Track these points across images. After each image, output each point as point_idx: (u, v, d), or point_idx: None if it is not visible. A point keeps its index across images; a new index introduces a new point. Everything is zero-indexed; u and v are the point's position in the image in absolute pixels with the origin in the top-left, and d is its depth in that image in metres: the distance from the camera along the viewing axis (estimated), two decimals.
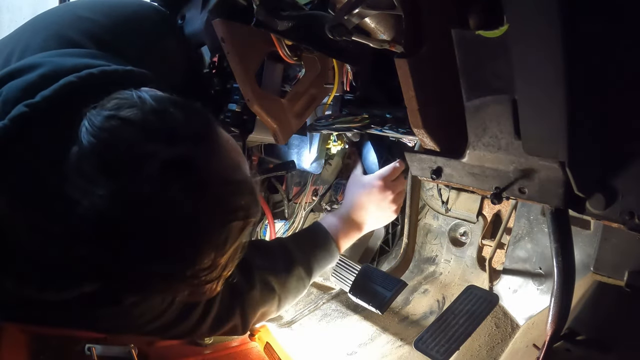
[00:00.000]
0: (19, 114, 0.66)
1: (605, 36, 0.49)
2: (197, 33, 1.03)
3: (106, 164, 0.60)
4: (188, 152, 0.62)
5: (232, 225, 0.66)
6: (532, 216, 1.13)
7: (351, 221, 1.19)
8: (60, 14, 0.99)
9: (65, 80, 0.70)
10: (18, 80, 0.72)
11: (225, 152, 0.68)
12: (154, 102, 0.64)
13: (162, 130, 0.62)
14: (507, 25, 0.50)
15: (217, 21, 0.90)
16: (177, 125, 0.64)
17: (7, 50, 0.88)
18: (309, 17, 0.82)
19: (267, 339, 1.28)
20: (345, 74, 1.06)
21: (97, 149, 0.60)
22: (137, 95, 0.65)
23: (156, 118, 0.63)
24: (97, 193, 0.58)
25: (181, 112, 0.65)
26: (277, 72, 1.02)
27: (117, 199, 0.59)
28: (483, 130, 0.63)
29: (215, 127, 0.69)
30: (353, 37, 0.65)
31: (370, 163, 1.36)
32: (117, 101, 0.64)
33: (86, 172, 0.60)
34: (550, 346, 0.71)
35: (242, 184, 0.69)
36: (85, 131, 0.61)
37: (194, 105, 0.68)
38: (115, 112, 0.62)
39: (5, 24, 4.69)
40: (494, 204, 1.00)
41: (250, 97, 0.97)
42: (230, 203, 0.66)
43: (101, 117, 0.62)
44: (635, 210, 0.54)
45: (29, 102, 0.67)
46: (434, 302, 1.29)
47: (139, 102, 0.64)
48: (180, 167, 0.61)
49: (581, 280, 0.85)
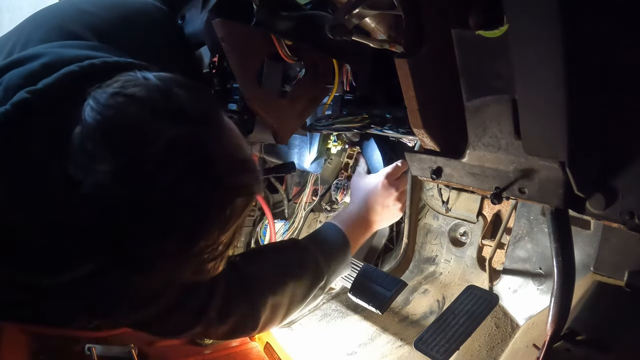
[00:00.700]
0: (20, 100, 0.66)
1: (605, 36, 0.49)
2: (197, 33, 1.03)
3: (111, 140, 0.60)
4: (193, 130, 0.63)
5: (235, 202, 0.67)
6: (532, 216, 1.13)
7: (361, 221, 1.19)
8: (62, 8, 0.99)
9: (67, 69, 0.70)
10: (20, 69, 0.73)
11: (229, 132, 0.70)
12: (158, 82, 0.65)
13: (168, 109, 0.63)
14: (507, 25, 0.50)
15: (217, 21, 0.90)
16: (182, 104, 0.64)
17: (10, 44, 0.89)
18: (309, 17, 0.82)
19: (267, 339, 1.28)
20: (345, 74, 1.06)
21: (101, 126, 0.60)
22: (141, 75, 0.65)
23: (161, 96, 0.63)
24: (101, 170, 0.58)
25: (186, 92, 0.66)
26: (277, 72, 1.02)
27: (121, 175, 0.59)
28: (483, 130, 0.63)
29: (219, 109, 0.70)
30: (353, 37, 0.65)
31: (375, 161, 1.36)
32: (122, 81, 0.64)
33: (90, 150, 0.60)
34: (550, 346, 0.71)
35: (245, 162, 0.70)
36: (89, 109, 0.61)
37: (198, 86, 0.69)
38: (121, 89, 0.63)
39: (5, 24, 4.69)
40: (494, 204, 1.00)
41: (250, 97, 0.97)
42: (233, 180, 0.67)
43: (106, 95, 0.62)
44: (635, 210, 0.54)
45: (30, 88, 0.67)
46: (434, 302, 1.29)
47: (144, 81, 0.64)
48: (185, 145, 0.62)
49: (581, 280, 0.85)
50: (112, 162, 0.59)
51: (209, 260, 0.70)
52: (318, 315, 1.37)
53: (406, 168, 1.21)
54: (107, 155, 0.59)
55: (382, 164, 1.35)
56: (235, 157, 0.69)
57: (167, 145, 0.60)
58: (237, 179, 0.68)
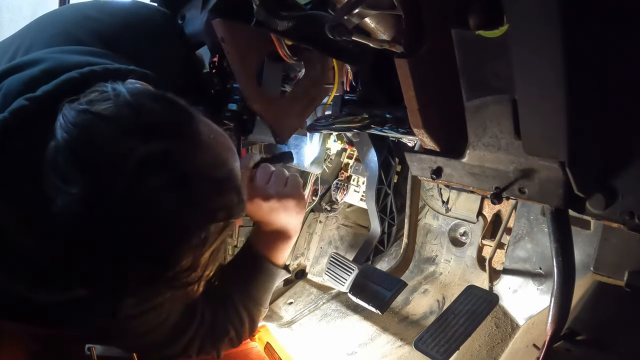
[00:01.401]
0: (19, 107, 0.65)
1: (605, 36, 0.49)
2: (197, 33, 1.03)
3: (79, 160, 0.57)
4: (164, 147, 0.59)
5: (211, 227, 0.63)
6: (532, 216, 1.13)
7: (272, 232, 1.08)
8: (66, 13, 0.99)
9: (67, 75, 0.69)
10: (20, 74, 0.72)
11: (208, 147, 0.65)
12: (129, 96, 0.61)
13: (138, 125, 0.59)
14: (507, 25, 0.50)
15: (217, 21, 0.90)
16: (153, 119, 0.61)
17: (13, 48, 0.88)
18: (309, 17, 0.82)
19: (267, 339, 1.28)
20: (345, 74, 1.06)
21: (69, 144, 0.58)
22: (112, 88, 0.62)
23: (130, 112, 0.60)
24: (70, 191, 0.56)
25: (158, 105, 0.62)
26: (277, 72, 1.02)
27: (90, 198, 0.56)
28: (483, 130, 0.63)
29: (196, 122, 0.65)
30: (353, 37, 0.65)
31: (369, 161, 1.36)
32: (93, 95, 0.62)
33: (60, 169, 0.58)
34: (550, 346, 0.71)
35: (225, 181, 0.65)
36: (59, 126, 0.59)
37: (173, 99, 0.65)
38: (88, 106, 0.60)
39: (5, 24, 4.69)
40: (494, 204, 1.00)
41: (250, 97, 0.97)
42: (210, 202, 0.63)
43: (74, 112, 0.59)
44: (635, 210, 0.54)
45: (29, 95, 0.66)
46: (434, 302, 1.29)
47: (113, 96, 0.61)
48: (156, 164, 0.58)
49: (581, 280, 0.85)
50: (81, 184, 0.56)
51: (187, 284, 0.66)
52: (318, 315, 1.37)
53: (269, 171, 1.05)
54: (76, 176, 0.56)
55: (376, 163, 1.35)
56: (214, 175, 0.64)
57: (138, 164, 0.57)
58: (214, 201, 0.63)
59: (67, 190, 0.56)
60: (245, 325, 1.08)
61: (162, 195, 0.58)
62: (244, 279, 1.08)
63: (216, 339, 1.03)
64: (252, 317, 1.09)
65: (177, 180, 0.59)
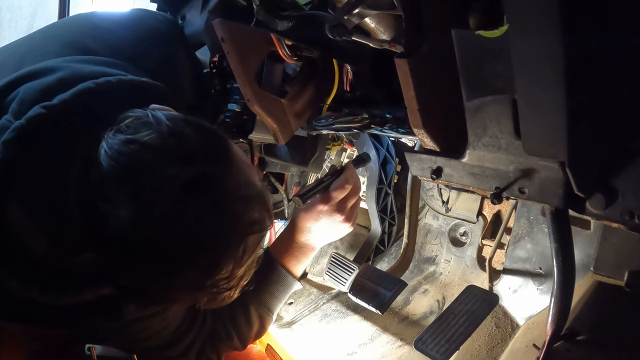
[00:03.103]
0: (36, 115, 0.67)
1: (605, 36, 0.49)
2: (197, 33, 1.03)
3: (127, 187, 0.61)
4: (205, 172, 0.65)
5: (248, 239, 0.69)
6: (532, 216, 1.13)
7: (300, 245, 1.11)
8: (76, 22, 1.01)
9: (83, 85, 0.71)
10: (36, 82, 0.73)
11: (238, 168, 0.70)
12: (169, 123, 0.66)
13: (180, 153, 0.64)
14: (507, 25, 0.50)
15: (217, 21, 0.90)
16: (194, 146, 0.66)
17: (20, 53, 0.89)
18: (309, 17, 0.82)
19: (268, 340, 1.28)
20: (345, 74, 1.06)
21: (117, 172, 0.62)
22: (152, 116, 0.66)
23: (174, 140, 0.65)
24: (120, 215, 0.60)
25: (196, 133, 0.67)
26: (277, 72, 1.02)
27: (140, 220, 0.61)
28: (483, 130, 0.63)
29: (228, 145, 0.71)
30: (353, 37, 0.65)
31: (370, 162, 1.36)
32: (133, 122, 0.66)
33: (108, 196, 0.61)
34: (550, 346, 0.71)
35: (256, 197, 0.71)
36: (104, 154, 0.63)
37: (206, 125, 0.71)
38: (133, 135, 0.64)
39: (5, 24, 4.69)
40: (494, 204, 1.00)
41: (250, 97, 0.97)
42: (246, 218, 0.68)
43: (119, 141, 0.63)
44: (635, 210, 0.54)
45: (46, 104, 0.68)
46: (434, 302, 1.29)
47: (155, 124, 0.65)
48: (198, 187, 0.63)
49: (581, 280, 0.85)
50: (130, 207, 0.61)
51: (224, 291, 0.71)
52: (318, 316, 1.37)
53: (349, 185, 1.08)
54: (125, 201, 0.61)
55: (376, 163, 1.35)
56: (246, 193, 0.69)
57: (181, 189, 0.62)
58: (250, 217, 0.69)
59: (117, 213, 0.61)
60: (254, 330, 1.09)
61: (204, 215, 0.63)
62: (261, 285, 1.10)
63: (217, 342, 1.03)
64: (262, 323, 1.10)
65: (216, 201, 0.65)
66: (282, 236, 1.13)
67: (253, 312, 1.07)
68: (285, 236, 1.12)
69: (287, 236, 1.12)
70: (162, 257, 0.63)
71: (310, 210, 1.07)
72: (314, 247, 1.12)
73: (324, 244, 1.13)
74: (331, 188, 1.06)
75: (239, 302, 1.07)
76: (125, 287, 0.68)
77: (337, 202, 1.06)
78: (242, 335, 1.07)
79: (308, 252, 1.12)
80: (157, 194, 0.61)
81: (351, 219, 1.10)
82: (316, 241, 1.11)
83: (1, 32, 4.53)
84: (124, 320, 0.82)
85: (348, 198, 1.07)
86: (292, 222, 1.12)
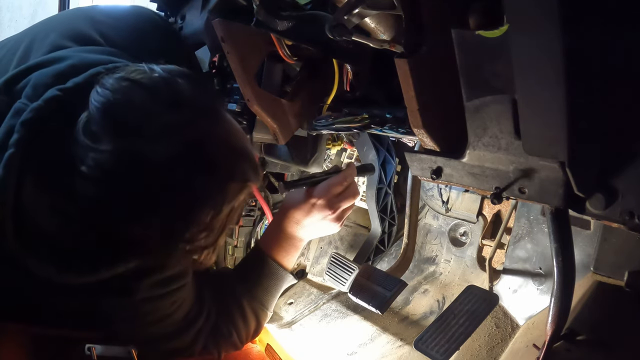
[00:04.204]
0: (52, 96, 0.70)
1: (605, 36, 0.49)
2: (197, 33, 1.03)
3: (113, 121, 0.63)
4: (190, 116, 0.66)
5: (229, 186, 0.70)
6: (532, 216, 1.13)
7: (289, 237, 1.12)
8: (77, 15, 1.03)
9: (94, 70, 0.74)
10: (48, 69, 0.77)
11: (227, 124, 0.73)
12: (163, 72, 0.69)
13: (169, 95, 0.66)
14: (507, 25, 0.50)
15: (217, 21, 0.90)
16: (183, 93, 0.68)
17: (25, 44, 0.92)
18: (309, 17, 0.82)
19: (268, 340, 1.28)
20: (345, 74, 1.06)
21: (105, 106, 0.64)
22: (147, 66, 0.69)
23: (164, 84, 0.67)
24: (100, 148, 0.62)
25: (188, 83, 0.69)
26: (277, 72, 1.02)
27: (121, 155, 0.62)
28: (483, 130, 0.63)
29: (220, 102, 0.75)
30: (353, 37, 0.65)
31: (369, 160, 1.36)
32: (128, 70, 0.69)
33: (92, 131, 0.63)
34: (550, 346, 0.71)
35: (242, 150, 0.73)
36: (95, 94, 0.65)
37: (202, 80, 0.74)
38: (126, 74, 0.67)
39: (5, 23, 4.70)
40: (494, 204, 1.00)
41: (250, 97, 0.97)
42: (227, 165, 0.70)
43: (112, 80, 0.66)
44: (635, 210, 0.54)
45: (61, 86, 0.71)
46: (434, 302, 1.29)
47: (148, 70, 0.68)
48: (182, 129, 0.65)
49: (581, 280, 0.85)
50: (113, 142, 0.62)
51: (202, 248, 0.73)
52: (318, 316, 1.37)
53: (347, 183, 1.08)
54: (107, 135, 0.62)
55: (376, 163, 1.35)
56: (231, 144, 0.71)
57: (165, 128, 0.64)
58: (230, 165, 0.71)
59: (98, 147, 0.62)
60: (251, 327, 1.09)
61: (186, 157, 0.65)
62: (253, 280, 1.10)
63: (219, 338, 1.04)
64: (258, 320, 1.10)
65: (198, 145, 0.66)
66: (271, 227, 1.15)
67: (248, 309, 1.07)
68: (274, 227, 1.13)
69: (276, 227, 1.13)
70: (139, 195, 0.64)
71: (303, 202, 1.08)
72: (302, 239, 1.13)
73: (312, 238, 1.16)
74: (330, 183, 1.07)
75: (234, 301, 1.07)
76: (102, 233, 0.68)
77: (331, 199, 1.07)
78: (240, 333, 1.07)
79: (297, 243, 1.13)
80: (139, 131, 0.63)
81: (341, 220, 1.12)
82: (305, 234, 1.12)
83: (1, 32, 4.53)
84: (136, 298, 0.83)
85: (343, 198, 1.08)
86: (281, 211, 1.13)
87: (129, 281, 0.80)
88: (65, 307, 0.80)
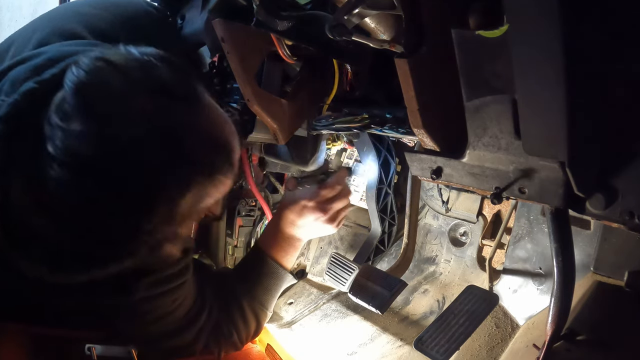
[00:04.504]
0: (28, 89, 0.68)
1: (605, 36, 0.49)
2: (197, 33, 1.03)
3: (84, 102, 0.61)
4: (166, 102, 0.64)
5: (195, 178, 0.67)
6: (532, 216, 1.13)
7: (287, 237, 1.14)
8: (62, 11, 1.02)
9: (72, 59, 0.72)
10: (25, 65, 0.75)
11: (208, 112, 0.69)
12: (139, 54, 0.66)
13: (144, 78, 0.64)
14: (507, 25, 0.50)
15: (217, 21, 0.90)
16: (160, 76, 0.65)
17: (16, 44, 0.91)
18: (309, 17, 0.82)
19: (268, 340, 1.28)
20: (345, 74, 1.06)
21: (77, 86, 0.62)
22: (124, 48, 0.67)
23: (139, 66, 0.65)
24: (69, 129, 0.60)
25: (165, 66, 0.67)
26: (277, 72, 1.02)
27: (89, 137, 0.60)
28: (483, 130, 0.63)
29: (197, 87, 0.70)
30: (353, 37, 0.65)
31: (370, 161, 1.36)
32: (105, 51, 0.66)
33: (64, 110, 0.61)
34: (550, 346, 0.71)
35: (217, 140, 0.69)
36: (70, 74, 0.63)
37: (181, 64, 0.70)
38: (102, 54, 0.64)
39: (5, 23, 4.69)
40: (494, 204, 1.00)
41: (250, 97, 0.97)
42: (196, 155, 0.66)
43: (88, 59, 0.64)
44: (635, 210, 0.54)
45: (37, 78, 0.69)
46: (434, 302, 1.29)
47: (125, 52, 0.66)
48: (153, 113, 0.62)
49: (581, 280, 0.85)
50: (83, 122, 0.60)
51: (164, 240, 0.69)
52: (318, 316, 1.37)
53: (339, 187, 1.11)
54: (79, 115, 0.60)
55: (377, 163, 1.35)
56: (205, 134, 0.68)
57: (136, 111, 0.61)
58: (201, 155, 0.67)
59: (68, 127, 0.60)
60: (251, 327, 1.09)
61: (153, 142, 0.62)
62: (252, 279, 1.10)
63: (219, 337, 1.04)
64: (258, 320, 1.10)
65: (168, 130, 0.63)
66: (270, 227, 1.16)
67: (248, 309, 1.08)
68: (272, 228, 1.15)
69: (274, 227, 1.15)
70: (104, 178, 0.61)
71: (295, 204, 1.10)
72: (299, 238, 1.15)
73: (309, 238, 1.17)
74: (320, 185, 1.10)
75: (234, 301, 1.07)
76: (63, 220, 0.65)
77: (321, 201, 1.09)
78: (240, 333, 1.07)
79: (295, 243, 1.14)
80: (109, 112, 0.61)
81: (335, 221, 1.13)
82: (301, 234, 1.13)
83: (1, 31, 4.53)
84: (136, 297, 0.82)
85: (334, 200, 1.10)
86: (278, 211, 1.16)
87: (128, 281, 0.80)
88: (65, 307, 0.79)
